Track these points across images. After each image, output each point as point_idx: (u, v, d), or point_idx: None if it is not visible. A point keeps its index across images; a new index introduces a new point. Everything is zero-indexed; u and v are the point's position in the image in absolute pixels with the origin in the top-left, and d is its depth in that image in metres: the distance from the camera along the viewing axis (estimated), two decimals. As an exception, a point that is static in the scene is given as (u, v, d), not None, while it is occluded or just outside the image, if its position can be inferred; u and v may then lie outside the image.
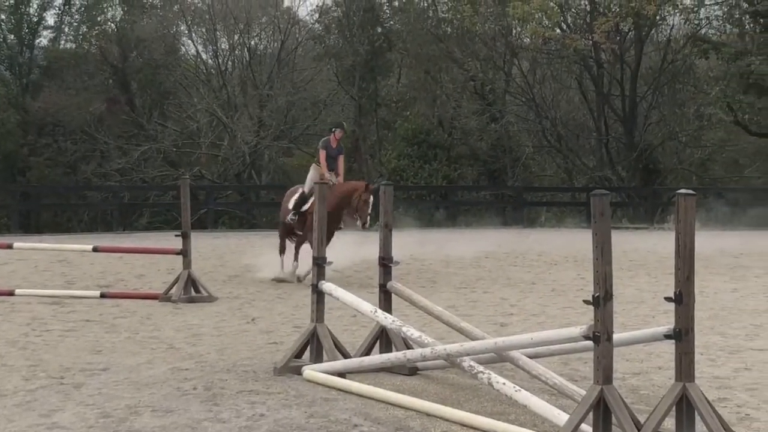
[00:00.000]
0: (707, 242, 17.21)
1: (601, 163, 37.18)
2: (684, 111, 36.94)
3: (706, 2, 36.12)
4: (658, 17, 35.46)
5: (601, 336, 5.64)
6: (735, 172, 39.08)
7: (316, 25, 39.84)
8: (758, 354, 9.45)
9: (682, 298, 5.80)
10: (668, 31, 37.36)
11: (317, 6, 43.97)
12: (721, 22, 37.12)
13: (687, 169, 38.52)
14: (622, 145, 37.04)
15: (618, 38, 35.55)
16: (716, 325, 11.17)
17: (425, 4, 38.85)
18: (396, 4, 39.28)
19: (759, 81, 34.15)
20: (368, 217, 14.71)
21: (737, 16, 36.55)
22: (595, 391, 5.66)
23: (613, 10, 34.85)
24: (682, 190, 5.96)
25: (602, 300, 5.64)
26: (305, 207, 15.15)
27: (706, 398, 5.82)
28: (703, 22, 36.74)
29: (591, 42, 35.11)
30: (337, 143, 15.60)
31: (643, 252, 20.99)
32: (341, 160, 15.58)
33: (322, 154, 15.48)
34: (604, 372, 5.65)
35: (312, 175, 15.44)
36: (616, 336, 6.07)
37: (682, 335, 5.81)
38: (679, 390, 5.77)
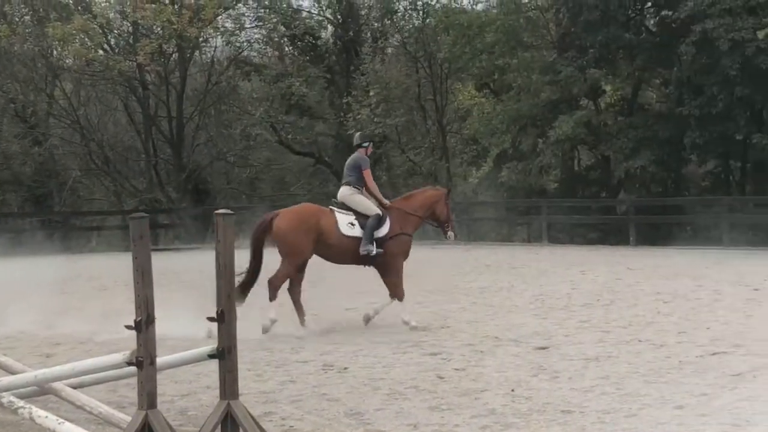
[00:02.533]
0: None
1: (151, 185, 37.11)
2: (231, 131, 37.88)
3: (246, 25, 37.34)
4: (200, 39, 36.09)
5: (144, 361, 5.60)
6: (282, 190, 40.69)
7: None
8: (302, 366, 9.90)
9: (224, 317, 5.91)
10: (212, 52, 38.17)
11: None
12: (261, 44, 38.57)
13: (236, 188, 39.59)
14: (171, 167, 37.19)
15: (162, 60, 35.70)
16: (264, 341, 11.54)
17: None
18: None
19: (300, 101, 35.98)
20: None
21: (276, 39, 38.16)
22: (140, 416, 5.60)
23: (156, 32, 34.96)
24: (221, 210, 6.07)
25: (144, 324, 5.59)
26: (383, 233, 12.62)
27: (250, 414, 5.97)
28: (245, 44, 37.95)
29: (135, 63, 34.95)
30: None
31: (195, 272, 21.15)
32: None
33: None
34: (149, 397, 5.61)
35: (368, 199, 12.80)
36: (162, 359, 6.06)
37: (225, 354, 5.92)
38: (223, 408, 5.87)
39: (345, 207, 12.68)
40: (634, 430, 7.04)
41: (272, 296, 12.29)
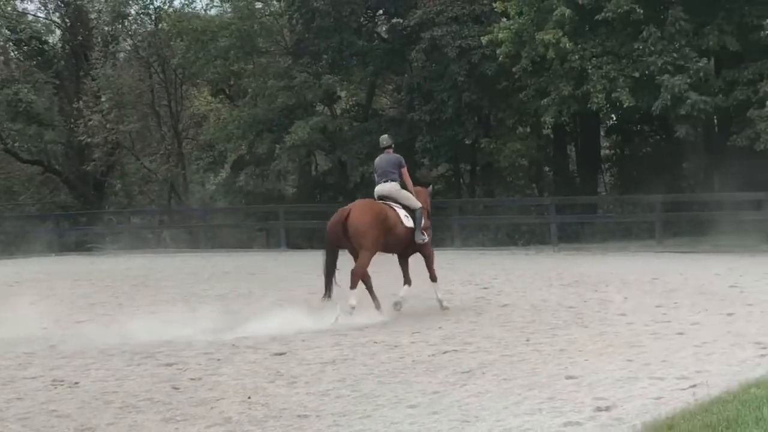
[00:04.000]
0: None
1: None
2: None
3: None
4: None
5: None
6: (11, 200, 38.86)
7: None
8: (30, 382, 9.45)
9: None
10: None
11: None
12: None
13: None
14: None
15: None
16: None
17: None
18: None
19: (27, 108, 34.40)
20: None
21: (2, 43, 36.36)
22: None
23: None
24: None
25: None
26: (426, 224, 14.20)
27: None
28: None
29: None
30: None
31: None
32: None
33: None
34: None
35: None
36: None
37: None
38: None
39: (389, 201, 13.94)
40: (368, 431, 7.17)
41: (353, 285, 13.10)
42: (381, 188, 14.02)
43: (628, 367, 9.09)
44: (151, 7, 36.29)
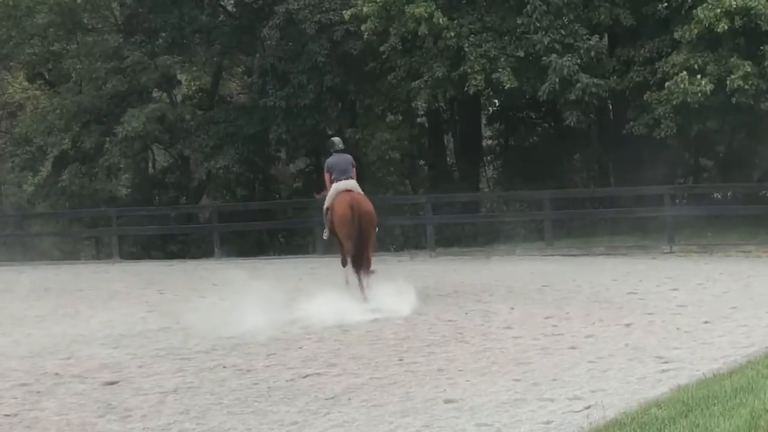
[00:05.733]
0: None
1: None
2: None
3: None
4: None
5: None
6: None
7: None
8: None
9: None
10: None
11: None
12: None
13: None
14: None
15: None
16: None
17: None
18: None
19: None
20: None
21: None
22: None
23: None
24: None
25: None
26: None
27: None
28: None
29: None
30: None
31: None
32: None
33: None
34: None
35: None
36: None
37: None
38: None
39: None
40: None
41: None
42: (345, 184, 16.92)
43: (514, 388, 9.23)
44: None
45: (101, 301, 18.31)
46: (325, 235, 17.45)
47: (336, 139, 18.20)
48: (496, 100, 31.04)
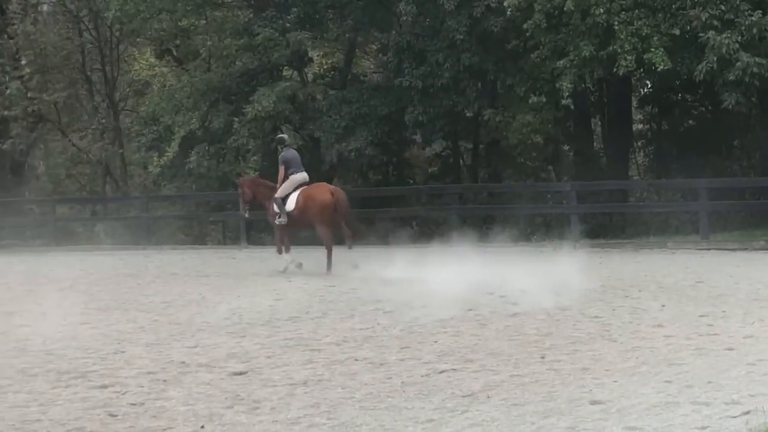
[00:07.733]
0: None
1: None
2: None
3: None
4: None
5: None
6: None
7: None
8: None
9: None
10: None
11: None
12: None
13: None
14: None
15: None
16: None
17: None
18: None
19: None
20: None
21: None
22: None
23: None
24: None
25: None
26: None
27: None
28: None
29: None
30: None
31: None
32: None
33: None
34: None
35: None
36: None
37: None
38: None
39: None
40: (348, 468, 7.17)
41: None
42: (303, 176, 20.73)
43: (666, 390, 9.10)
44: (80, -53, 36.15)
45: (228, 288, 18.59)
46: (282, 220, 20.64)
47: (284, 136, 22.63)
48: (648, 82, 30.62)
